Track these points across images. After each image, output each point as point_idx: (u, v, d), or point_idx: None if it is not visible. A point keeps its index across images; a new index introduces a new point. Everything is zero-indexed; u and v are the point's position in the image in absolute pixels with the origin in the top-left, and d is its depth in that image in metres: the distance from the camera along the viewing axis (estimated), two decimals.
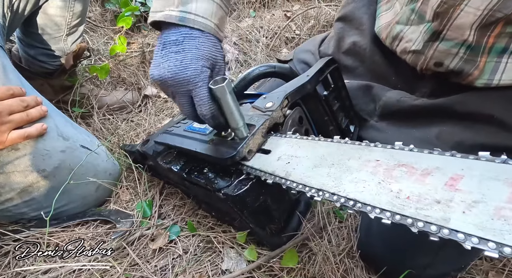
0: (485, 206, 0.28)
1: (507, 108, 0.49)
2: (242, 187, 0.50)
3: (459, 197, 0.29)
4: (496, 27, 0.46)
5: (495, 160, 0.31)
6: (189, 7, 0.44)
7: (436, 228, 0.29)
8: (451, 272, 0.55)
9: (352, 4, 0.74)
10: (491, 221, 0.27)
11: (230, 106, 0.47)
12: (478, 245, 0.26)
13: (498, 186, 0.28)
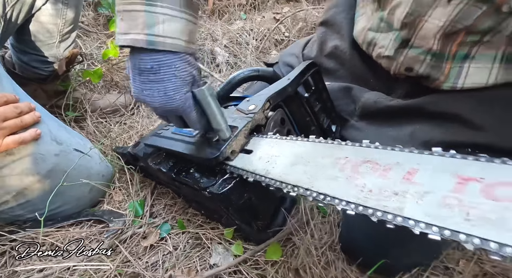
0: (434, 196, 0.31)
1: (471, 108, 0.53)
2: (226, 186, 0.53)
3: (414, 188, 0.33)
4: (458, 37, 0.50)
5: (445, 154, 0.34)
6: (156, 29, 0.42)
7: (392, 217, 0.32)
8: (423, 261, 0.59)
9: (333, 9, 0.77)
10: (437, 209, 0.30)
11: (212, 108, 0.50)
12: (424, 229, 0.29)
13: (446, 177, 0.32)
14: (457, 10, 0.47)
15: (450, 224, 0.28)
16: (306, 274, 0.58)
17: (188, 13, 0.45)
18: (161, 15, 0.42)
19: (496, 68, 0.51)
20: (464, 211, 0.28)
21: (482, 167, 0.31)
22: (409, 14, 0.53)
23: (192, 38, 0.47)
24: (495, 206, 0.27)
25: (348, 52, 0.73)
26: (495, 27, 0.47)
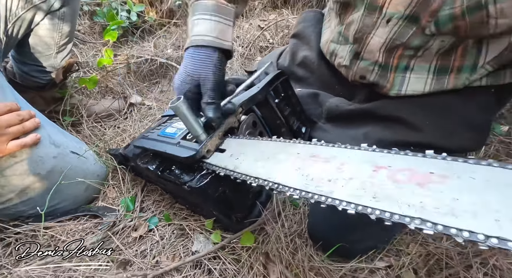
0: (356, 181, 0.39)
1: (412, 113, 0.62)
2: (203, 180, 0.62)
3: (342, 176, 0.41)
4: (397, 51, 0.59)
5: (368, 149, 0.43)
6: (193, 32, 0.59)
7: (325, 198, 0.40)
8: (377, 245, 0.67)
9: (302, 23, 0.86)
10: (356, 190, 0.38)
11: (188, 119, 0.58)
12: (345, 207, 0.38)
13: (367, 166, 0.40)
14: (394, 30, 0.56)
15: (363, 201, 0.37)
16: (275, 258, 0.66)
17: (218, 16, 0.59)
18: (196, 20, 0.59)
19: (430, 79, 0.60)
20: (373, 191, 0.37)
21: (392, 158, 0.40)
22: (358, 31, 0.62)
23: (223, 35, 0.59)
24: (395, 186, 0.36)
25: (316, 62, 0.82)
26: (424, 45, 0.56)
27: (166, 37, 1.56)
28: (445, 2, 0.48)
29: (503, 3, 0.45)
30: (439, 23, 0.51)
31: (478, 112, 0.60)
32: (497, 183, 0.30)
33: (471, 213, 0.29)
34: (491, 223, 0.28)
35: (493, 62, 0.57)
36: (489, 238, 0.27)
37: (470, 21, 0.48)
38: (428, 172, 0.35)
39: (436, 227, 0.30)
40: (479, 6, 0.46)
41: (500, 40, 0.54)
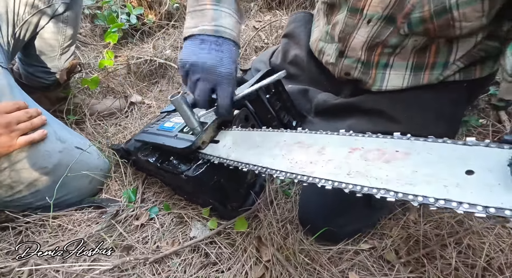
0: (334, 162, 0.44)
1: (391, 106, 0.67)
2: (199, 170, 0.67)
3: (322, 158, 0.46)
4: (377, 49, 0.64)
5: (346, 134, 0.48)
6: (220, 22, 0.59)
7: (306, 178, 0.45)
8: (362, 229, 0.72)
9: (293, 24, 0.91)
10: (334, 170, 0.43)
11: (186, 113, 0.63)
12: (324, 183, 0.43)
13: (344, 149, 0.45)
14: (374, 30, 0.62)
15: (339, 178, 0.42)
16: (267, 241, 0.70)
17: (238, 15, 0.63)
18: (224, 12, 0.60)
19: (408, 75, 0.66)
20: (348, 169, 0.42)
21: (365, 140, 0.45)
22: (342, 31, 0.67)
23: (239, 34, 0.63)
24: (365, 164, 0.41)
25: (305, 60, 0.87)
26: (401, 43, 0.61)
27: (165, 38, 1.61)
28: (415, 6, 0.53)
29: (465, 9, 0.50)
30: (411, 24, 0.56)
31: (450, 105, 0.66)
32: (449, 156, 0.35)
33: (426, 182, 0.34)
34: (440, 189, 0.33)
35: (463, 60, 0.62)
36: (438, 200, 0.32)
37: (438, 24, 0.54)
38: (394, 150, 0.40)
39: (397, 195, 0.35)
40: (445, 11, 0.52)
41: (467, 40, 0.60)
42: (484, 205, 0.29)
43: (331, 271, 0.66)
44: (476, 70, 0.64)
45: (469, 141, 0.35)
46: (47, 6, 0.93)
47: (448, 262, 0.62)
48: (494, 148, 0.33)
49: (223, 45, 0.58)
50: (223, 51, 0.58)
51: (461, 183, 0.32)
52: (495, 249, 0.62)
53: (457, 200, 0.31)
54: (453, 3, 0.50)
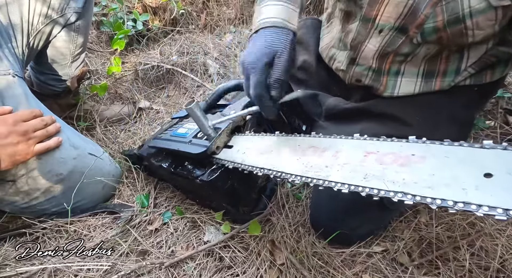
0: (349, 165, 0.46)
1: (403, 110, 0.68)
2: (213, 174, 0.68)
3: (338, 162, 0.47)
4: (389, 57, 0.65)
5: (360, 138, 0.49)
6: (262, 17, 0.62)
7: (322, 181, 0.46)
8: (374, 231, 0.73)
9: (302, 30, 0.93)
10: (349, 173, 0.44)
11: (200, 120, 0.65)
12: (340, 187, 0.44)
13: (359, 153, 0.46)
14: (386, 39, 0.63)
15: (355, 181, 0.43)
16: (280, 245, 0.71)
17: (286, 2, 0.63)
18: (265, 7, 0.63)
19: (419, 82, 0.67)
20: (364, 172, 0.43)
21: (379, 144, 0.46)
22: (354, 39, 0.68)
23: (290, 19, 0.62)
24: (381, 168, 0.42)
25: (314, 65, 0.88)
26: (413, 52, 0.62)
27: (171, 44, 1.63)
28: (429, 16, 0.54)
29: (478, 18, 0.51)
30: (424, 34, 0.57)
31: (462, 108, 0.67)
32: (466, 160, 0.36)
33: (444, 185, 0.35)
34: (459, 191, 0.34)
35: (474, 66, 0.64)
36: (457, 203, 0.33)
37: (451, 32, 0.55)
38: (410, 154, 0.41)
39: (415, 198, 0.36)
40: (458, 21, 0.53)
41: (479, 47, 0.61)
42: (504, 207, 0.30)
43: (345, 274, 0.66)
44: (487, 75, 0.65)
45: (486, 144, 0.36)
46: (60, 16, 0.95)
47: (462, 264, 0.62)
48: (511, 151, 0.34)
49: (257, 36, 0.60)
50: (255, 42, 0.59)
51: (480, 185, 0.33)
52: (508, 251, 0.62)
53: (476, 203, 0.32)
54: (467, 12, 0.51)
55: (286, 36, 0.59)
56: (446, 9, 0.52)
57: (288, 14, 0.62)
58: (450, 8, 0.52)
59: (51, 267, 0.68)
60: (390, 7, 0.58)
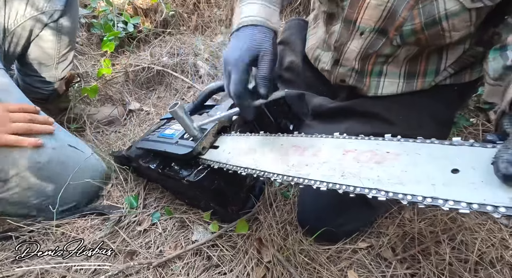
0: (328, 164, 0.47)
1: (387, 109, 0.70)
2: (200, 175, 0.69)
3: (317, 160, 0.49)
4: (371, 59, 0.67)
5: (340, 137, 0.50)
6: (243, 15, 0.61)
7: (302, 180, 0.47)
8: (359, 228, 0.74)
9: (288, 31, 0.94)
10: (328, 171, 0.45)
11: (185, 122, 0.66)
12: (319, 185, 0.45)
13: (338, 151, 0.48)
14: (367, 41, 0.64)
15: (333, 179, 0.44)
16: (268, 243, 0.72)
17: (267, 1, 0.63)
18: (245, 5, 0.63)
19: (401, 82, 0.69)
20: (341, 170, 0.44)
21: (358, 142, 0.47)
22: (337, 41, 0.69)
23: (271, 18, 0.62)
24: (358, 166, 0.43)
25: (301, 66, 0.89)
26: (394, 53, 0.64)
27: (162, 46, 1.63)
28: (407, 19, 0.56)
29: (454, 20, 0.53)
30: (403, 36, 0.59)
31: (443, 107, 0.69)
32: (436, 156, 0.37)
33: (415, 181, 0.36)
34: (428, 187, 0.35)
35: (454, 66, 0.66)
36: (426, 198, 0.34)
37: (429, 34, 0.56)
38: (386, 151, 0.42)
39: (388, 194, 0.37)
40: (435, 23, 0.54)
41: (456, 47, 0.63)
42: (468, 201, 0.31)
43: (330, 270, 0.67)
44: (466, 74, 0.67)
45: (455, 141, 0.37)
46: (41, 13, 0.94)
47: (443, 258, 0.64)
48: (477, 147, 0.35)
49: (239, 35, 0.60)
50: (236, 41, 0.59)
51: (448, 181, 0.34)
52: (486, 244, 0.64)
53: (443, 198, 0.33)
54: (443, 15, 0.53)
55: (269, 34, 0.59)
56: (423, 12, 0.54)
57: (269, 13, 0.62)
58: (427, 11, 0.53)
59: (38, 268, 0.68)
60: (370, 10, 0.59)
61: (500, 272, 0.60)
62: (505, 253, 0.62)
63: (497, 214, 0.29)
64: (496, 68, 0.47)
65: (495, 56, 0.48)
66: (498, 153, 0.31)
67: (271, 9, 0.63)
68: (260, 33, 0.59)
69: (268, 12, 0.62)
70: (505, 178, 0.29)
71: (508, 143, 0.31)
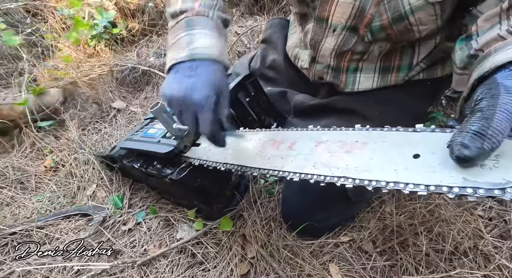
0: (301, 156, 0.48)
1: (363, 105, 0.71)
2: (182, 173, 0.69)
3: (292, 153, 0.49)
4: (346, 56, 0.68)
5: (314, 129, 0.51)
6: (194, 45, 0.54)
7: (277, 172, 0.48)
8: (342, 222, 0.75)
9: (269, 30, 0.95)
10: (301, 162, 0.46)
11: (166, 122, 0.65)
12: (293, 176, 0.46)
13: (311, 143, 0.49)
14: (340, 39, 0.65)
15: (305, 170, 0.45)
16: (251, 239, 0.73)
17: (217, 33, 0.58)
18: (198, 34, 0.56)
19: (376, 77, 0.70)
20: (313, 161, 0.45)
21: (330, 134, 0.48)
22: (312, 39, 0.71)
23: (222, 52, 0.56)
24: (329, 156, 0.44)
25: (283, 64, 0.90)
26: (367, 50, 0.66)
27: (148, 46, 1.64)
28: (374, 15, 0.58)
29: (419, 14, 0.55)
30: (373, 32, 0.61)
31: (416, 102, 0.71)
32: (400, 143, 0.39)
33: (379, 167, 0.37)
34: (391, 172, 0.36)
35: (426, 61, 0.68)
36: (389, 183, 0.35)
37: (397, 29, 0.58)
38: (355, 141, 0.43)
39: (355, 181, 0.38)
40: (401, 18, 0.56)
41: (428, 42, 0.65)
42: (426, 184, 0.32)
43: (312, 264, 0.68)
44: (438, 69, 0.69)
45: (418, 128, 0.39)
46: None
47: (420, 249, 0.65)
48: (438, 133, 0.36)
49: (197, 69, 0.53)
50: (197, 76, 0.52)
51: (409, 166, 0.35)
52: (461, 235, 0.65)
53: (404, 182, 0.34)
54: (408, 9, 0.54)
55: (224, 71, 0.56)
56: (389, 8, 0.55)
57: (221, 47, 0.57)
58: (392, 6, 0.55)
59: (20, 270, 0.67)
60: (339, 7, 0.60)
61: (473, 261, 0.61)
62: (479, 243, 0.63)
63: (452, 194, 0.30)
64: (462, 57, 0.48)
65: (461, 46, 0.49)
66: (453, 136, 0.32)
67: (222, 40, 0.59)
68: (219, 70, 0.55)
69: (221, 48, 0.57)
70: (458, 159, 0.30)
71: (462, 127, 0.32)
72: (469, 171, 0.31)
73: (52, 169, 1.02)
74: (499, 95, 0.32)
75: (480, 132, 0.30)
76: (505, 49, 0.39)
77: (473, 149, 0.29)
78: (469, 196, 0.29)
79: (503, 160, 0.30)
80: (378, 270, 0.65)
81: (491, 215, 0.70)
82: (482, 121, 0.30)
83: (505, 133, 0.30)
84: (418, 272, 0.62)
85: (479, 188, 0.29)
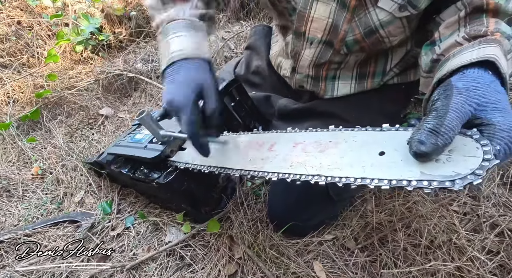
0: (280, 156, 0.50)
1: (342, 109, 0.75)
2: (169, 177, 0.71)
3: (271, 154, 0.52)
4: (324, 66, 0.72)
5: (292, 131, 0.54)
6: (171, 50, 0.57)
7: (257, 173, 0.51)
8: (326, 221, 0.78)
9: (253, 36, 0.99)
10: (280, 163, 0.49)
11: (153, 128, 0.67)
12: (271, 176, 0.48)
13: (289, 144, 0.51)
14: (317, 51, 0.69)
15: (283, 170, 0.47)
16: (238, 240, 0.75)
17: (192, 31, 0.60)
18: (171, 39, 0.59)
19: (354, 83, 0.74)
20: (291, 161, 0.48)
21: (307, 135, 0.51)
22: (292, 50, 0.74)
23: (200, 48, 0.59)
24: (305, 156, 0.47)
25: (267, 71, 0.93)
26: (344, 60, 0.69)
27: (136, 52, 1.65)
28: (347, 31, 0.62)
29: (388, 28, 0.59)
30: (348, 46, 0.65)
31: (391, 104, 0.75)
32: (369, 142, 0.42)
33: (349, 165, 0.40)
34: (359, 169, 0.39)
35: (398, 66, 0.72)
36: (357, 179, 0.38)
37: (370, 42, 0.62)
38: (328, 141, 0.46)
39: (327, 179, 0.41)
40: (373, 32, 0.60)
41: (399, 50, 0.69)
42: (389, 178, 0.35)
43: (297, 262, 0.70)
44: (411, 73, 0.74)
45: (384, 127, 0.42)
46: None
47: (398, 244, 0.68)
48: (401, 131, 0.40)
49: (176, 72, 0.56)
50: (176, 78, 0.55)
51: (375, 162, 0.38)
52: (436, 229, 0.69)
53: (370, 177, 0.37)
54: (377, 24, 0.59)
55: (204, 65, 0.58)
56: (360, 24, 0.59)
57: (197, 43, 0.59)
58: (363, 22, 0.59)
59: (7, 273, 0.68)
60: (315, 23, 0.64)
61: (446, 254, 0.64)
62: (453, 236, 0.66)
63: (410, 187, 0.33)
64: (427, 62, 0.52)
65: (426, 51, 0.53)
66: (412, 134, 0.35)
67: (198, 38, 0.60)
68: (195, 67, 0.57)
69: (197, 43, 0.59)
70: (416, 155, 0.33)
71: (419, 125, 0.35)
72: (426, 165, 0.34)
73: (39, 176, 1.03)
74: (452, 96, 0.35)
75: (435, 129, 0.33)
76: (461, 54, 0.42)
77: (428, 145, 0.32)
78: (424, 188, 0.32)
79: (455, 154, 0.33)
80: (360, 265, 0.68)
81: (465, 210, 0.74)
82: (436, 119, 0.33)
83: (456, 130, 0.33)
84: (396, 266, 0.65)
85: (433, 181, 0.32)
